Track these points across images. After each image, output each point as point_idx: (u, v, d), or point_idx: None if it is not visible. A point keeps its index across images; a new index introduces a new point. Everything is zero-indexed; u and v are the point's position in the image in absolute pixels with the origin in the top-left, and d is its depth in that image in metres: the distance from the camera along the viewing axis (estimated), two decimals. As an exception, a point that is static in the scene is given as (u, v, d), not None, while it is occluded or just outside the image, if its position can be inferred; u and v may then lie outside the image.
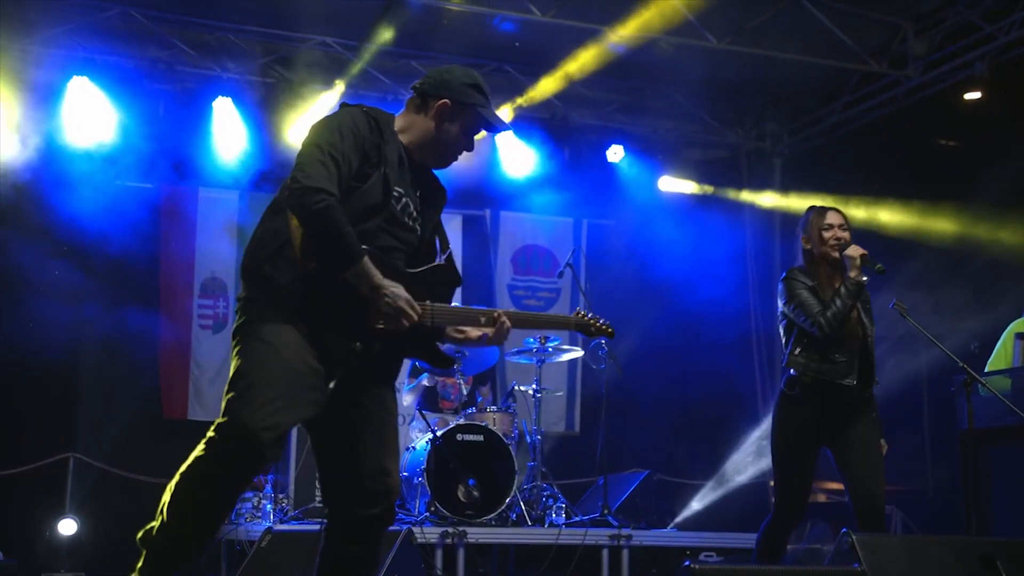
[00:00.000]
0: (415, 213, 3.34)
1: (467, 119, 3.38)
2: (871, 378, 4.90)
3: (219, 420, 3.10)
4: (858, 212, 9.70)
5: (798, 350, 4.85)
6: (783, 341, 4.98)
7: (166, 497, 3.07)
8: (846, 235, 4.91)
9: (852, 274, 4.76)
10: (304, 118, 8.63)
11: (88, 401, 8.32)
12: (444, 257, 3.42)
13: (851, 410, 4.87)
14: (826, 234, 4.91)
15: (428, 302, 3.27)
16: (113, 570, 4.69)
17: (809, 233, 4.97)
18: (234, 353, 3.19)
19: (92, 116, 8.59)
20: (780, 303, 4.96)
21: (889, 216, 9.41)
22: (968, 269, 8.87)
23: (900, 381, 9.04)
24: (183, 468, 3.09)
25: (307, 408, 3.13)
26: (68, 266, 8.00)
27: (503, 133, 3.31)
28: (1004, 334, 5.91)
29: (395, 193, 3.23)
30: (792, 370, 4.86)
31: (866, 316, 4.93)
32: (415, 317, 3.16)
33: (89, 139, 8.50)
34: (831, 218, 4.95)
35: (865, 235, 9.45)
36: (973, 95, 8.87)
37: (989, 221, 8.58)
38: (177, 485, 3.07)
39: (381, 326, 3.17)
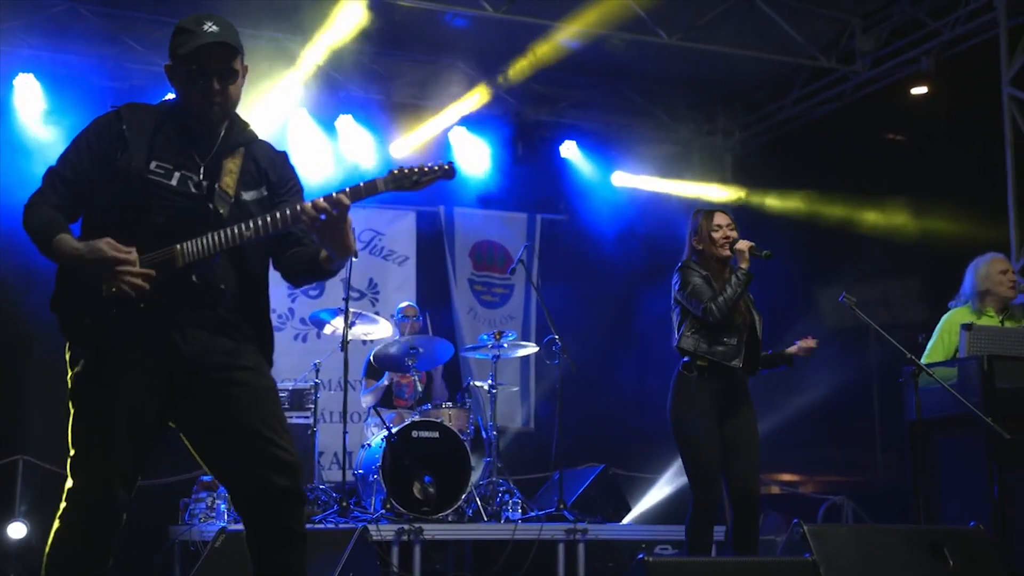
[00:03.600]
0: (200, 180, 3.18)
1: (180, 68, 3.19)
2: (756, 366, 5.26)
3: (67, 486, 3.09)
4: (808, 205, 9.81)
5: (689, 333, 5.17)
6: (674, 327, 5.30)
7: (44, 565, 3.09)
8: (734, 234, 5.26)
9: (743, 265, 5.12)
10: (255, 114, 8.59)
11: (38, 402, 8.20)
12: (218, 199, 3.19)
13: (736, 396, 5.20)
14: (715, 234, 5.25)
15: (178, 245, 3.07)
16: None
17: (700, 235, 5.28)
18: None
19: (38, 114, 8.50)
20: (674, 290, 5.27)
21: (838, 209, 9.52)
22: (916, 261, 9.00)
23: (850, 373, 9.16)
24: (48, 542, 3.08)
25: (146, 434, 3.12)
26: (15, 264, 7.88)
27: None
28: (939, 327, 5.99)
29: (154, 168, 3.15)
30: (685, 355, 5.18)
31: (753, 308, 5.30)
32: (127, 258, 3.00)
33: (35, 137, 8.40)
34: (719, 219, 5.29)
35: (815, 227, 9.60)
36: (920, 90, 9.01)
37: (936, 213, 8.71)
38: (48, 557, 3.07)
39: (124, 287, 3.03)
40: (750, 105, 10.62)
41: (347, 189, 3.02)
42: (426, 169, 3.07)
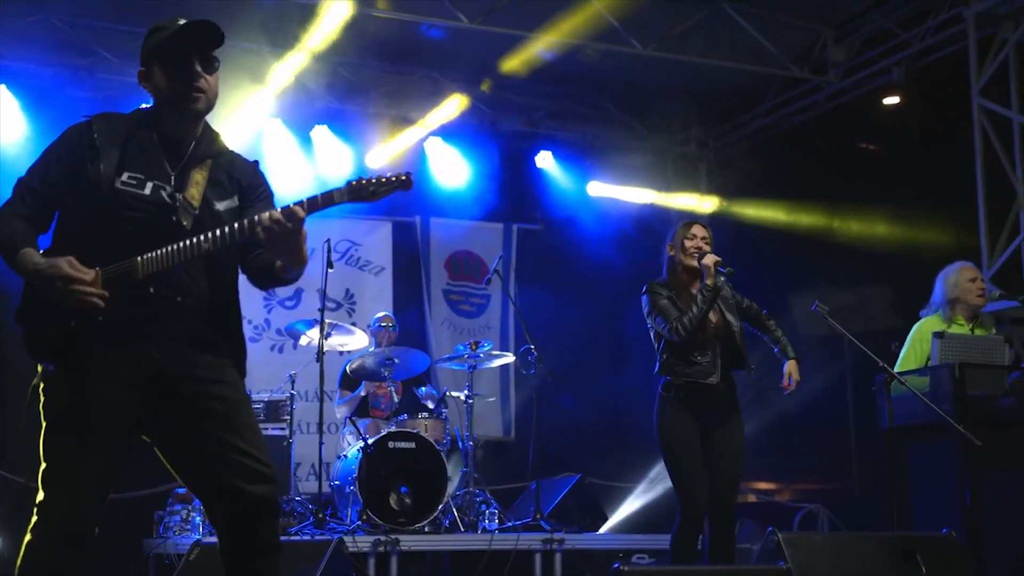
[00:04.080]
0: (170, 190, 3.17)
1: (159, 62, 3.18)
2: (742, 366, 5.31)
3: (38, 498, 3.07)
4: (782, 214, 9.88)
5: (666, 356, 5.26)
6: (655, 349, 5.37)
7: None
8: (707, 247, 5.32)
9: (708, 281, 5.17)
10: (230, 124, 8.57)
11: (11, 414, 8.12)
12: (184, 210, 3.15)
13: (718, 409, 5.26)
14: (688, 243, 5.34)
15: (138, 257, 3.06)
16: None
17: (674, 242, 5.40)
18: None
19: (11, 124, 8.45)
20: (644, 313, 5.36)
21: (812, 218, 9.59)
22: (889, 269, 9.07)
23: (826, 381, 9.21)
24: (19, 555, 3.06)
25: (118, 447, 3.10)
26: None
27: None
28: (910, 336, 6.03)
29: (125, 179, 3.13)
30: (664, 376, 5.25)
31: (730, 314, 5.34)
32: (83, 278, 2.99)
33: (8, 147, 8.36)
34: (695, 230, 5.40)
35: (789, 236, 9.66)
36: (892, 100, 9.09)
37: (909, 222, 8.78)
38: (19, 570, 3.04)
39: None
40: (724, 115, 10.69)
41: (304, 201, 3.01)
42: (383, 180, 3.06)
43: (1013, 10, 7.67)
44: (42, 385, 3.13)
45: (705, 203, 10.77)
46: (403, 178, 3.07)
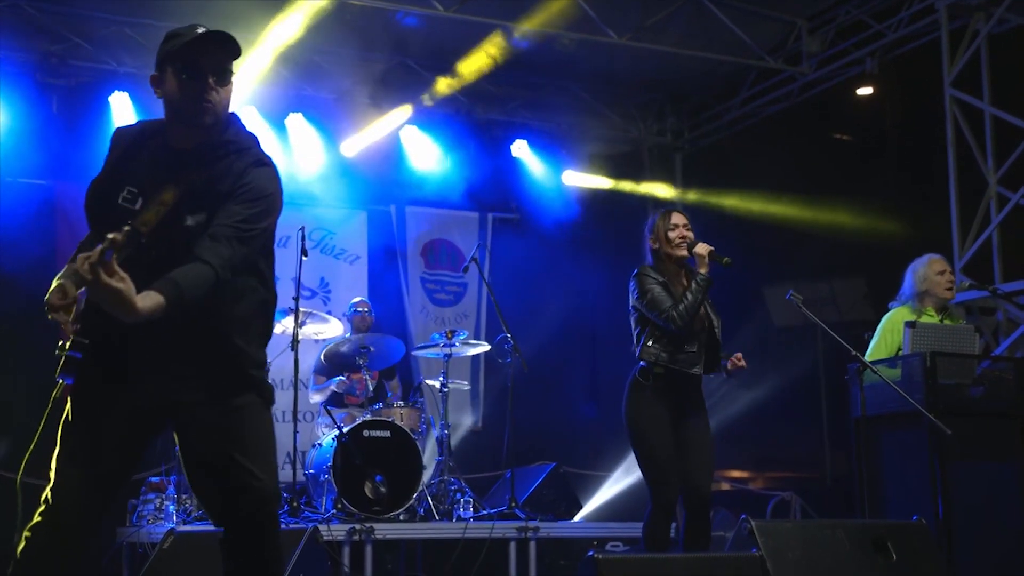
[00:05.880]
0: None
1: (170, 69, 3.08)
2: (714, 366, 5.24)
3: (48, 488, 3.06)
4: (756, 204, 9.92)
5: (651, 342, 5.12)
6: (634, 334, 5.26)
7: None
8: (690, 234, 5.21)
9: (702, 270, 5.08)
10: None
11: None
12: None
13: (691, 400, 5.20)
14: (671, 234, 5.21)
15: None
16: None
17: (656, 234, 5.26)
18: None
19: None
20: (632, 298, 5.23)
21: (786, 208, 9.64)
22: (862, 259, 9.13)
23: (799, 370, 9.27)
24: (23, 536, 3.06)
25: (116, 459, 3.10)
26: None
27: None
28: (880, 327, 6.07)
29: (125, 194, 3.07)
30: (643, 361, 5.14)
31: (711, 310, 5.24)
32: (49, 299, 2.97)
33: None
34: (675, 219, 5.26)
35: (763, 227, 9.71)
36: (865, 90, 9.15)
37: (882, 212, 8.84)
38: (21, 553, 3.03)
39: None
40: (699, 105, 10.72)
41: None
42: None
43: (984, 1, 7.73)
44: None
45: (680, 193, 10.80)
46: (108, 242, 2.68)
